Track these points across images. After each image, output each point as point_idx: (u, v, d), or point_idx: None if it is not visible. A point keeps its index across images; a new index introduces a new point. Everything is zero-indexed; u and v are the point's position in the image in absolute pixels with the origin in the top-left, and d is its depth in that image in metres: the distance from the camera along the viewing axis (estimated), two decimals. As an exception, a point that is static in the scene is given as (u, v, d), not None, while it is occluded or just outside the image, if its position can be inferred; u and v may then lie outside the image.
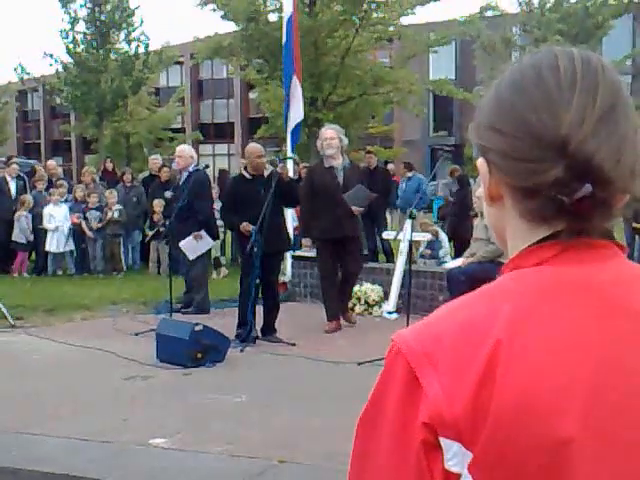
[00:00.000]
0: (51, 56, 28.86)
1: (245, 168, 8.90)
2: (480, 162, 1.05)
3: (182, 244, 9.75)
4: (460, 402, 0.92)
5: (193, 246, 9.89)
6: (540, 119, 0.96)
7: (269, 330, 8.61)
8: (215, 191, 13.27)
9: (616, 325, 0.96)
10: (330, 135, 8.84)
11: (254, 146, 9.16)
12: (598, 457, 0.91)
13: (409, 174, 15.77)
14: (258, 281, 8.31)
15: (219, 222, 11.80)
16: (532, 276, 0.99)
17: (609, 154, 0.94)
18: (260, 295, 8.63)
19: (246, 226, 8.28)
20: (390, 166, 18.31)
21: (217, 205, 11.68)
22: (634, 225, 13.65)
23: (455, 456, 0.92)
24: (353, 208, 8.64)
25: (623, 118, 0.97)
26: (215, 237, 11.08)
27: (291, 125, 11.34)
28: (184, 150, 10.59)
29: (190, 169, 10.28)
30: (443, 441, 0.93)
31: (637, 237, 13.74)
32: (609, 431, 0.92)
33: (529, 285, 0.98)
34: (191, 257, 9.93)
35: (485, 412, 0.91)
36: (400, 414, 0.96)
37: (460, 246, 14.61)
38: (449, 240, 14.02)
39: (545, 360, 0.92)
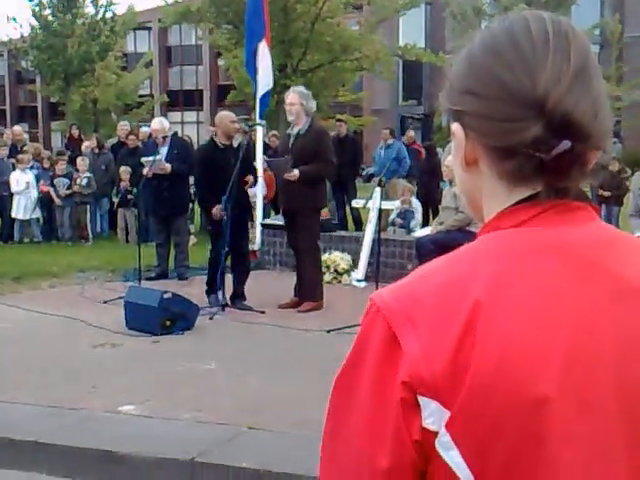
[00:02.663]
0: (14, 20, 28.40)
1: (215, 135, 8.85)
2: (456, 127, 1.06)
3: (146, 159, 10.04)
4: (439, 361, 0.93)
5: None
6: (516, 79, 0.98)
7: (238, 297, 8.62)
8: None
9: (595, 287, 0.98)
10: (290, 100, 8.34)
11: (226, 112, 9.20)
12: (573, 417, 0.93)
13: (390, 141, 15.55)
14: (227, 249, 8.32)
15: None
16: (511, 237, 1.01)
17: (587, 109, 0.97)
18: (229, 263, 8.64)
19: (218, 211, 8.28)
20: (412, 133, 17.97)
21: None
22: (600, 193, 13.81)
23: (432, 414, 0.94)
24: (285, 175, 8.24)
25: (595, 77, 1.00)
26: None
27: (260, 92, 11.25)
28: (162, 122, 10.79)
29: (168, 135, 10.53)
30: (421, 399, 0.94)
31: (603, 205, 13.90)
32: (584, 392, 0.93)
33: (508, 246, 1.00)
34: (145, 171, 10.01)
35: (463, 372, 0.92)
36: (379, 373, 0.97)
37: (430, 214, 14.71)
38: (422, 207, 14.01)
39: (524, 321, 0.94)
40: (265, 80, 11.27)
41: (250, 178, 8.80)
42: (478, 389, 0.92)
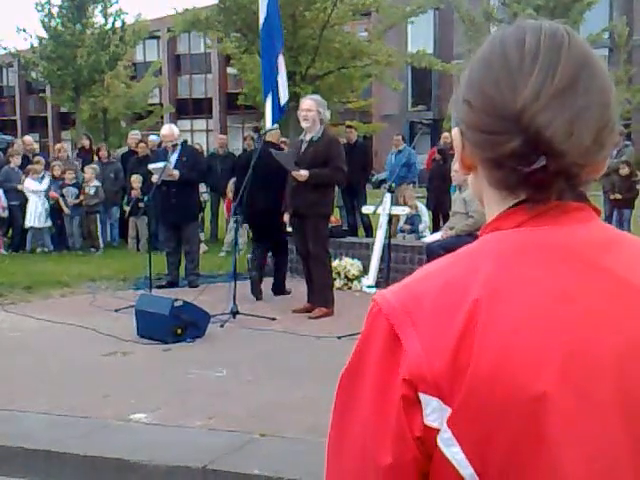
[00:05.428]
0: (24, 30, 28.50)
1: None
2: (455, 132, 1.10)
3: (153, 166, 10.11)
4: (440, 359, 0.95)
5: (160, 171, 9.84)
6: (501, 93, 1.01)
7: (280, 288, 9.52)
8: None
9: (593, 286, 0.99)
10: (307, 107, 8.29)
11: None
12: (572, 414, 0.94)
13: (400, 147, 15.60)
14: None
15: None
16: (511, 237, 1.03)
17: (560, 128, 0.97)
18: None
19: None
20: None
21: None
22: (612, 197, 13.76)
23: (434, 411, 0.95)
24: (293, 173, 8.22)
25: (584, 92, 1.00)
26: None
27: (282, 101, 11.20)
28: (172, 128, 10.77)
29: (178, 143, 10.50)
30: (423, 397, 0.96)
31: (615, 209, 13.85)
32: (584, 389, 0.94)
33: (508, 245, 1.02)
34: (154, 179, 9.97)
35: (464, 369, 0.94)
36: (381, 371, 0.99)
37: (440, 219, 14.69)
38: (432, 213, 14.00)
39: (523, 318, 0.95)
40: (284, 91, 11.24)
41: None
42: (478, 386, 0.93)
